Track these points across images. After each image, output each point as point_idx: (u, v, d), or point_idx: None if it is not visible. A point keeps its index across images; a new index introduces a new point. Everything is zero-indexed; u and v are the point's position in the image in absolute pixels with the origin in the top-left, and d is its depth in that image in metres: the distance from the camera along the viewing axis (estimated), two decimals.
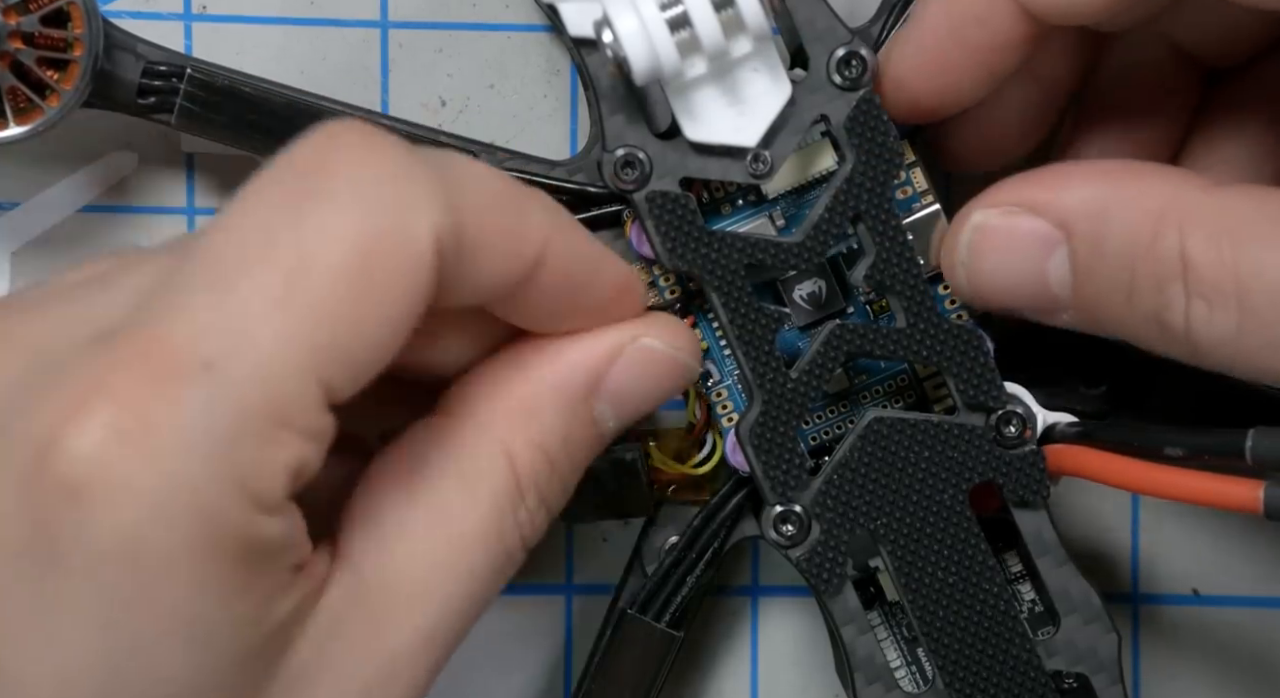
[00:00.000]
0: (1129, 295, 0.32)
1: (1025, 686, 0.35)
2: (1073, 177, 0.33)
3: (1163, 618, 0.41)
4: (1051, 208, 0.32)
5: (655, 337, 0.33)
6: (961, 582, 0.35)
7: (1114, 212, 0.32)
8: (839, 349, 0.35)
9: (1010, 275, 0.33)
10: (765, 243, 0.35)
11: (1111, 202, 0.32)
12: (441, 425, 0.31)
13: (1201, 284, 0.30)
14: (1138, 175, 0.32)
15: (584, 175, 0.36)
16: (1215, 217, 0.31)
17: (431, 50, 0.39)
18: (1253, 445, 0.30)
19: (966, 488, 0.35)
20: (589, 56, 0.35)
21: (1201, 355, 0.31)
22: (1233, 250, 0.30)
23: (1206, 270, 0.30)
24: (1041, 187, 0.33)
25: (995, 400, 0.35)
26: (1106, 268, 0.32)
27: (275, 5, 0.39)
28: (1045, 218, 0.32)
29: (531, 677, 0.40)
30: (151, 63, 0.36)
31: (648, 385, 0.33)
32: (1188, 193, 0.31)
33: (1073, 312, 0.33)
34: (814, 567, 0.35)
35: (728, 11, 0.33)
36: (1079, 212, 0.32)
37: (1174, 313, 0.31)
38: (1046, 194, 0.33)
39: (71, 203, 0.39)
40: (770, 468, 0.35)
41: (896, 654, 0.38)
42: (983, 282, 0.34)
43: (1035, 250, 0.33)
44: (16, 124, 0.35)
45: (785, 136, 0.35)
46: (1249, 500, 0.30)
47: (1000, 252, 0.33)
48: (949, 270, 0.34)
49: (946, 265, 0.34)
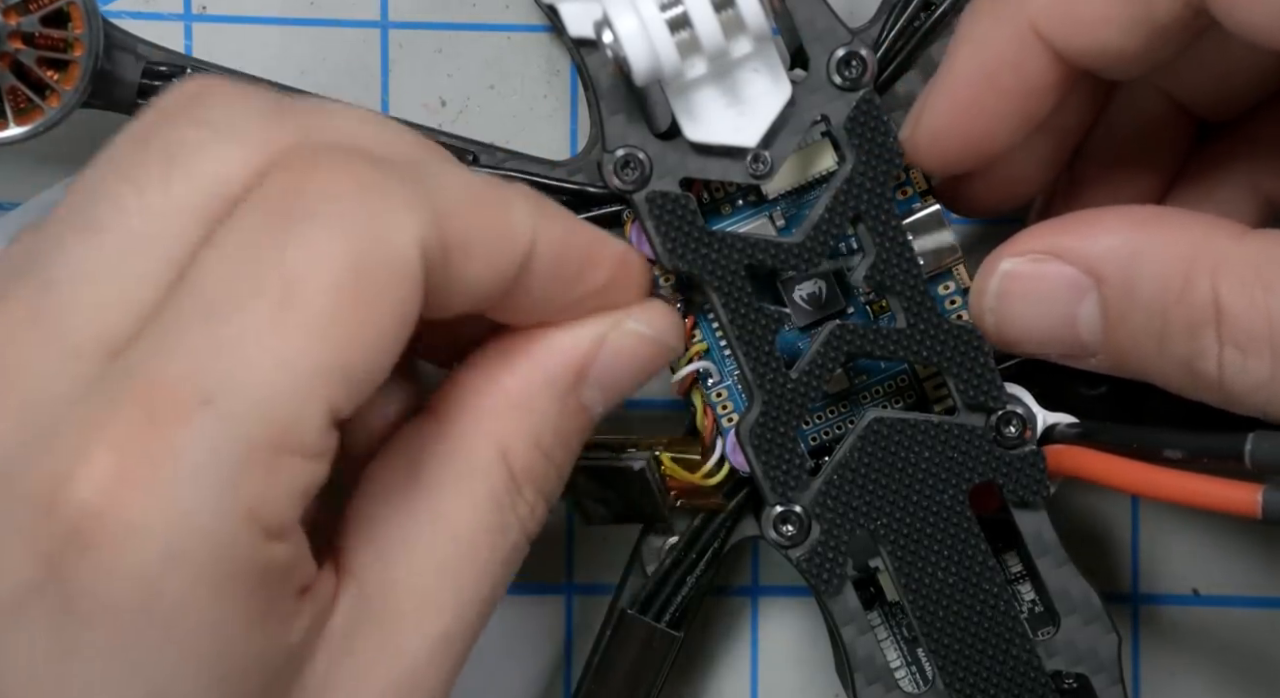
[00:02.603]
0: (1161, 342, 0.31)
1: (1025, 686, 0.35)
2: (1102, 223, 0.32)
3: (1163, 618, 0.41)
4: (1081, 255, 0.32)
5: (640, 321, 0.33)
6: (961, 582, 0.35)
7: (1145, 258, 0.31)
8: (839, 349, 0.35)
9: (1040, 322, 0.33)
10: (765, 243, 0.35)
11: (1143, 248, 0.31)
12: (433, 428, 0.31)
13: (1235, 331, 0.30)
14: (1168, 222, 0.32)
15: (584, 175, 0.36)
16: (1247, 263, 0.30)
17: (431, 50, 0.39)
18: (1252, 449, 0.30)
19: (966, 488, 0.35)
20: (589, 56, 0.35)
21: (1235, 402, 0.31)
22: (1265, 297, 0.30)
23: (1240, 318, 0.30)
24: (1071, 233, 0.33)
25: (995, 401, 0.35)
26: (1138, 315, 0.32)
27: (275, 5, 0.39)
28: (1075, 265, 0.32)
29: (531, 677, 0.40)
30: (151, 63, 0.36)
31: (634, 368, 0.33)
32: (1218, 240, 0.31)
33: (1102, 357, 0.33)
34: (814, 567, 0.35)
35: (728, 12, 0.33)
36: (1109, 259, 0.32)
37: (1207, 360, 0.31)
38: (1076, 241, 0.32)
39: None
40: (770, 468, 0.35)
41: (896, 654, 0.38)
42: (1012, 328, 0.34)
43: (1065, 297, 0.32)
44: (16, 124, 0.35)
45: (785, 137, 0.35)
46: (1247, 504, 0.30)
47: (1029, 298, 0.33)
48: (977, 316, 0.34)
49: (975, 311, 0.34)
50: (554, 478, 0.32)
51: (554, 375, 0.32)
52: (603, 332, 0.32)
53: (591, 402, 0.32)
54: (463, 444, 0.31)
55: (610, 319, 0.32)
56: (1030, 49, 0.33)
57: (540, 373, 0.32)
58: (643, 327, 0.33)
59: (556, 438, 0.32)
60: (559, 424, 0.32)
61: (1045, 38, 0.33)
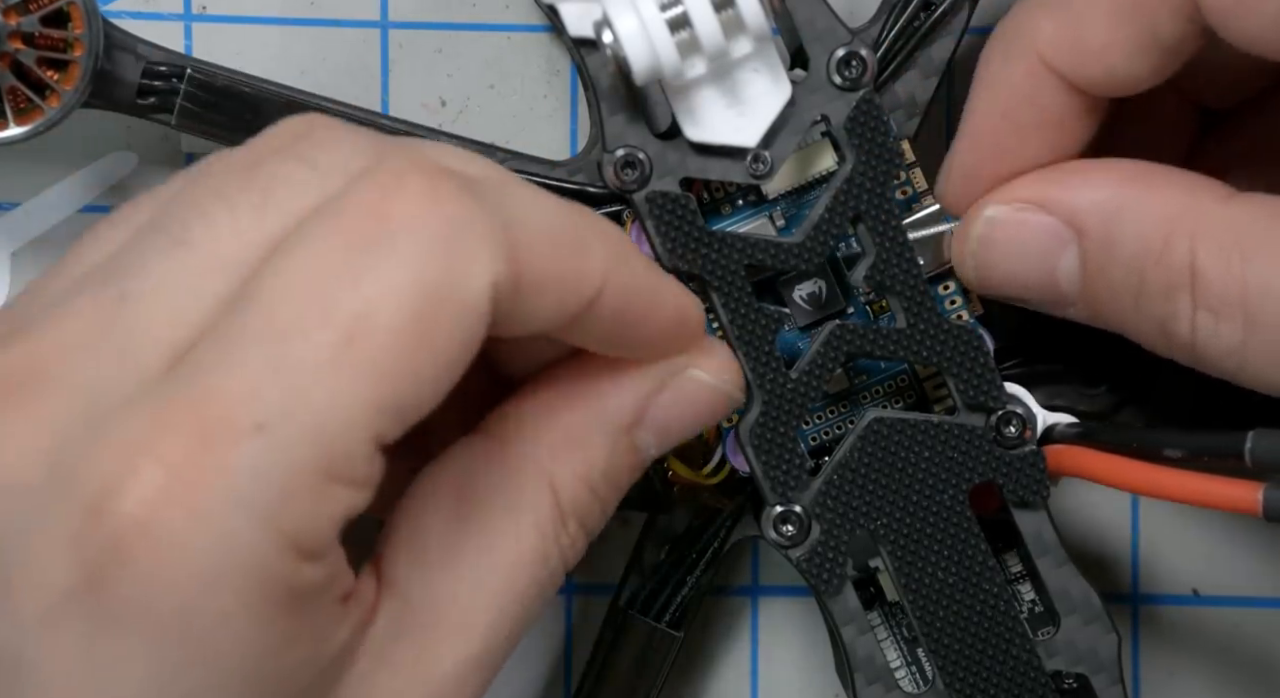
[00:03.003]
0: (1137, 300, 0.32)
1: (1025, 686, 0.35)
2: (1088, 176, 0.33)
3: (1163, 618, 0.41)
4: (1065, 206, 0.32)
5: (703, 368, 0.33)
6: (961, 582, 0.35)
7: (1127, 215, 0.32)
8: (839, 349, 0.35)
9: (1019, 269, 0.33)
10: (765, 243, 0.35)
11: (1126, 204, 0.32)
12: (487, 449, 0.31)
13: (1209, 296, 0.30)
14: (1154, 180, 0.32)
15: (584, 175, 0.36)
16: (1227, 228, 0.31)
17: (431, 50, 0.39)
18: (1252, 447, 0.30)
19: (966, 488, 0.35)
20: (589, 56, 0.35)
21: (1206, 364, 0.31)
22: (1242, 264, 0.30)
23: (1214, 283, 0.30)
24: (1057, 184, 0.33)
25: (995, 401, 0.35)
26: (1116, 271, 0.32)
27: (275, 5, 0.39)
28: (1058, 216, 0.33)
29: (531, 677, 0.40)
30: (151, 63, 0.36)
31: (691, 416, 0.33)
32: (1202, 202, 0.31)
33: (1080, 307, 0.33)
34: (814, 567, 0.35)
35: (728, 12, 0.33)
36: (1092, 212, 0.32)
37: (1180, 322, 0.31)
38: (1061, 193, 0.33)
39: (71, 203, 0.39)
40: (770, 468, 0.35)
41: (896, 654, 0.38)
42: (993, 274, 0.34)
43: (1046, 247, 0.33)
44: (16, 124, 0.35)
45: (785, 137, 0.35)
46: (1248, 502, 0.30)
47: (1011, 246, 0.33)
48: (959, 261, 0.35)
49: (957, 256, 0.35)
50: (598, 514, 0.32)
51: (610, 416, 0.32)
52: (664, 377, 0.32)
53: (645, 445, 0.32)
54: (515, 474, 0.31)
55: (673, 364, 0.32)
56: (1043, 82, 0.33)
57: (597, 412, 0.32)
58: (706, 375, 0.33)
59: (606, 477, 0.32)
60: (610, 463, 0.32)
61: (1055, 69, 0.33)
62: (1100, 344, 0.35)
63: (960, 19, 0.36)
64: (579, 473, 0.31)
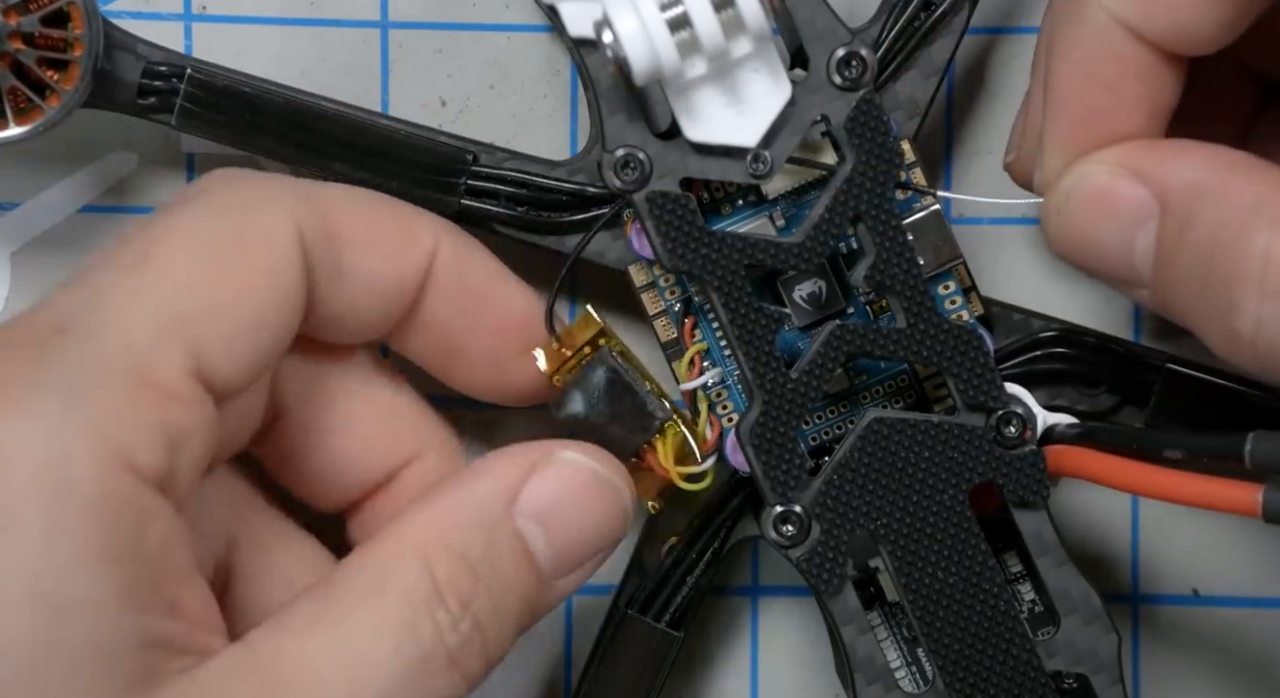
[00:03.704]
0: (1202, 288, 0.31)
1: (1025, 686, 0.35)
2: (1184, 153, 0.32)
3: (1163, 618, 0.41)
4: (1156, 179, 0.32)
5: (574, 450, 0.33)
6: (961, 582, 0.35)
7: (1209, 198, 0.31)
8: (839, 349, 0.35)
9: (1100, 236, 0.33)
10: (765, 243, 0.35)
11: (1211, 188, 0.31)
12: (365, 544, 0.32)
13: None
14: (1242, 168, 0.31)
15: (584, 175, 0.36)
16: None
17: (431, 50, 0.39)
18: (1252, 449, 0.30)
19: (966, 488, 0.35)
20: (589, 56, 0.35)
21: (1263, 360, 0.30)
22: None
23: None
24: (1152, 155, 0.32)
25: (995, 401, 0.35)
26: (1186, 254, 0.31)
27: (275, 5, 0.39)
28: (1149, 187, 0.32)
29: (531, 677, 0.40)
30: (151, 63, 0.36)
31: (569, 501, 0.33)
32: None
33: (1150, 293, 0.32)
34: (814, 567, 0.35)
35: (728, 12, 0.33)
36: (1179, 189, 0.31)
37: (1243, 316, 0.30)
38: (1156, 165, 0.32)
39: (71, 203, 0.39)
40: (770, 468, 0.35)
41: (896, 654, 0.38)
42: (1072, 235, 0.33)
43: (1130, 218, 0.32)
44: (16, 124, 0.35)
45: (785, 137, 0.35)
46: (1247, 504, 0.30)
47: (1097, 210, 0.33)
48: (1044, 218, 0.34)
49: (1044, 213, 0.34)
50: (486, 603, 0.32)
51: (482, 498, 0.32)
52: (533, 459, 0.33)
53: (529, 533, 0.32)
54: (389, 554, 0.31)
55: (540, 447, 0.33)
56: (1116, 36, 0.32)
57: (469, 495, 0.32)
58: (578, 456, 0.33)
59: (487, 560, 0.32)
60: (489, 545, 0.32)
61: (1126, 24, 0.32)
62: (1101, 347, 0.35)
63: (960, 19, 0.36)
64: (453, 548, 0.31)
